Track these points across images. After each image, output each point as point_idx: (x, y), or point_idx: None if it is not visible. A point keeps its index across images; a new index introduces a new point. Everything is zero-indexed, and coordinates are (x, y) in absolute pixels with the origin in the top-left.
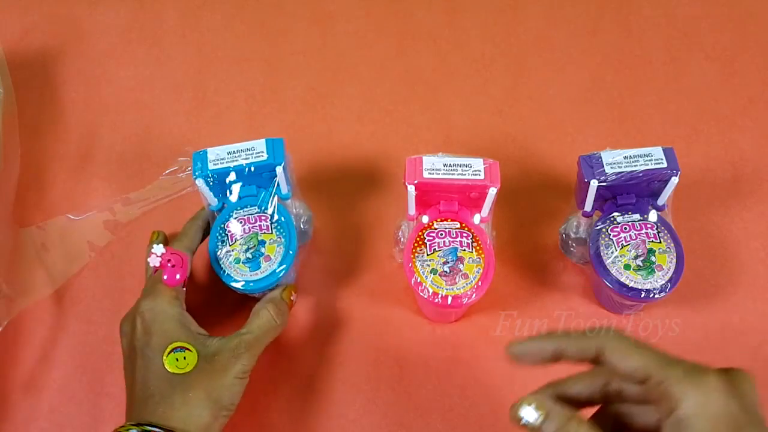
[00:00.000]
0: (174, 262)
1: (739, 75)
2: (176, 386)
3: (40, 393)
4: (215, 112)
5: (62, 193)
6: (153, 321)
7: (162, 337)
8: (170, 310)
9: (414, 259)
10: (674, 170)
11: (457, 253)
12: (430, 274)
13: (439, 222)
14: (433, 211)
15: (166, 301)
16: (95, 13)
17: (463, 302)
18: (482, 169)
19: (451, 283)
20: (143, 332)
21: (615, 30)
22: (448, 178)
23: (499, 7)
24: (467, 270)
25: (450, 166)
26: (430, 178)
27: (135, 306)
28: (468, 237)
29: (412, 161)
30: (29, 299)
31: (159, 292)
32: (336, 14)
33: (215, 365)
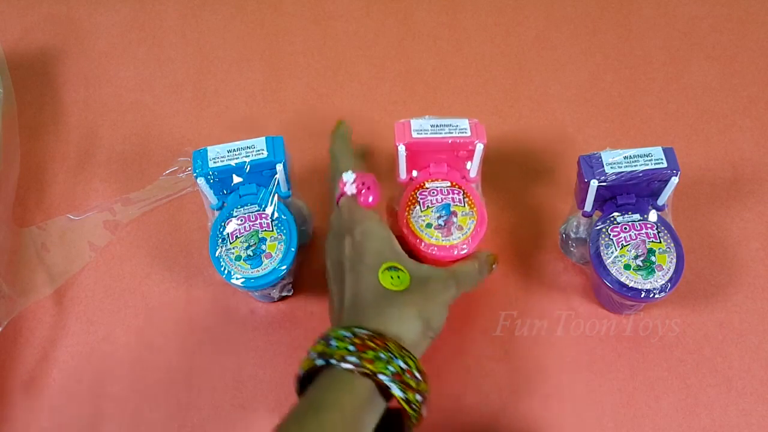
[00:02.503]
0: (368, 183)
1: (739, 75)
2: (392, 300)
3: (40, 393)
4: (215, 112)
5: (62, 193)
6: (365, 241)
7: (375, 256)
8: (381, 231)
9: (408, 216)
10: (674, 170)
11: (450, 207)
12: (425, 228)
13: (431, 182)
14: (423, 173)
15: (375, 223)
16: (95, 13)
17: (463, 251)
18: (468, 127)
19: (447, 235)
20: (354, 251)
21: (615, 30)
22: (436, 137)
23: (499, 7)
24: (461, 222)
25: (437, 126)
26: (418, 137)
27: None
28: (459, 194)
29: (400, 125)
30: (29, 299)
31: (364, 214)
32: (336, 14)
33: (427, 288)
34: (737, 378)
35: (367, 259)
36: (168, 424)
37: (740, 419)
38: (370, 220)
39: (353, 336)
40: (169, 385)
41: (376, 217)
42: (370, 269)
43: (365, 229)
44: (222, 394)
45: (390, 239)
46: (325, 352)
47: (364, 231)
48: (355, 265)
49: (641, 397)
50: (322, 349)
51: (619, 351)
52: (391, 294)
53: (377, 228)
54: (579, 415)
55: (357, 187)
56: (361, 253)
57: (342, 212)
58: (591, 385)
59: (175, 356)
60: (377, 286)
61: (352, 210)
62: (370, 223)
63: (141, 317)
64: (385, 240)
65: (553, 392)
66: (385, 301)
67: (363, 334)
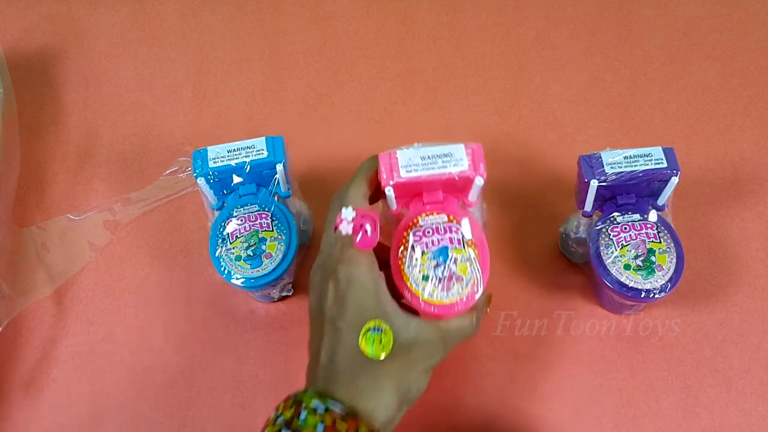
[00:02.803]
0: (366, 226)
1: (739, 75)
2: (368, 370)
3: (40, 393)
4: (215, 112)
5: (62, 193)
6: (349, 291)
7: (358, 313)
8: (368, 283)
9: (402, 266)
10: (674, 170)
11: (448, 253)
12: (422, 282)
13: (425, 217)
14: (416, 204)
15: (364, 271)
16: (95, 13)
17: (456, 310)
18: (464, 156)
19: (445, 289)
20: (336, 301)
21: (615, 30)
22: (428, 173)
23: (499, 7)
24: (461, 270)
25: (429, 158)
26: (408, 177)
27: (327, 262)
28: (458, 231)
29: (386, 158)
30: (29, 299)
31: (355, 258)
32: (336, 14)
33: (410, 355)
34: (737, 378)
35: (349, 315)
36: (168, 424)
37: (740, 419)
38: (359, 266)
39: (325, 411)
40: (169, 385)
41: (366, 263)
42: (351, 329)
43: (351, 275)
44: (222, 394)
45: (377, 291)
46: (293, 425)
47: (351, 278)
48: (335, 320)
49: (641, 397)
50: (291, 417)
51: (619, 351)
52: (370, 364)
53: (365, 276)
54: (579, 415)
55: (354, 227)
56: (344, 305)
57: (335, 245)
58: (591, 385)
59: (175, 356)
60: (356, 351)
61: (344, 247)
62: (358, 270)
63: (141, 317)
64: (371, 293)
65: (553, 392)
66: (362, 370)
67: (336, 412)
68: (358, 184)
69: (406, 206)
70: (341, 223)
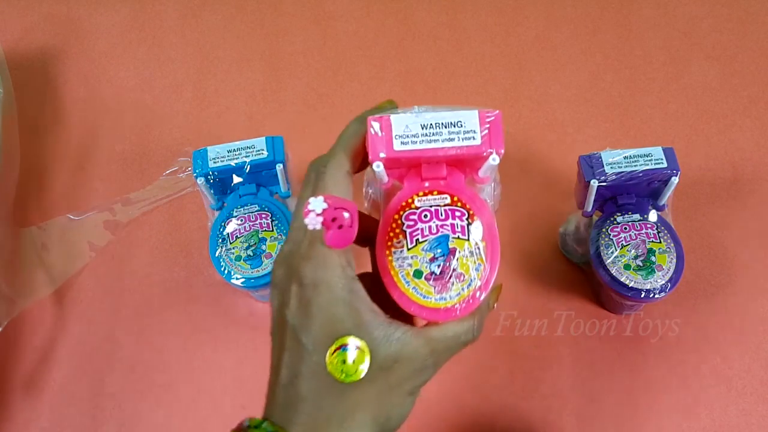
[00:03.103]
0: (341, 221)
1: (739, 75)
2: (338, 397)
3: (40, 393)
4: (215, 112)
5: (62, 193)
6: (315, 298)
7: (326, 325)
8: (339, 290)
9: (390, 255)
10: (674, 170)
11: (448, 242)
12: (413, 279)
13: (422, 197)
14: (413, 180)
15: (336, 274)
16: (95, 13)
17: (454, 315)
18: (478, 128)
19: (443, 290)
20: (300, 308)
21: (615, 30)
22: (430, 147)
23: (499, 7)
24: (463, 268)
25: (432, 128)
26: (404, 150)
27: (291, 256)
28: (463, 216)
29: (376, 124)
30: (29, 299)
31: (325, 258)
32: (336, 14)
33: (391, 376)
34: (737, 378)
35: (315, 328)
36: (168, 424)
37: (740, 419)
38: (329, 268)
39: None
40: (169, 385)
41: (338, 264)
42: (318, 345)
43: (319, 279)
44: (222, 394)
45: (350, 298)
46: None
47: (317, 282)
48: (298, 332)
49: (641, 397)
50: None
51: (619, 351)
52: (340, 389)
53: (336, 280)
54: (579, 415)
55: (325, 221)
56: (309, 315)
57: (303, 235)
58: (591, 385)
59: (175, 356)
60: (323, 373)
61: (312, 242)
62: (327, 273)
63: (141, 317)
64: (343, 301)
65: (553, 392)
66: (330, 397)
67: None
68: (338, 158)
69: (399, 180)
70: (308, 216)
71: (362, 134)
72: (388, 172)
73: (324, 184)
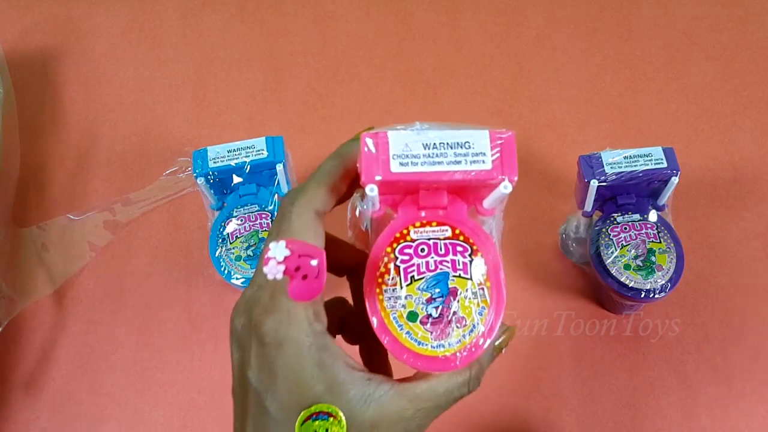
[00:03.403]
0: (306, 270)
1: (739, 75)
2: None
3: (40, 393)
4: (215, 112)
5: (62, 193)
6: (280, 360)
7: (294, 390)
8: (307, 348)
9: (380, 293)
10: (674, 170)
11: (448, 281)
12: (406, 322)
13: (418, 228)
14: (408, 208)
15: (302, 330)
16: (95, 13)
17: (453, 365)
18: (488, 151)
19: (441, 335)
20: (263, 370)
21: (615, 30)
22: (433, 170)
23: (499, 7)
24: (464, 311)
25: (435, 148)
26: (403, 172)
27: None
28: (465, 252)
29: (372, 141)
30: (29, 299)
31: (289, 312)
32: (336, 14)
33: None
34: (737, 378)
35: (281, 394)
36: (168, 424)
37: (740, 419)
38: (294, 325)
39: None
40: (169, 385)
41: (305, 319)
42: (285, 413)
43: (282, 337)
44: (222, 394)
45: (320, 357)
46: None
47: (281, 340)
48: (262, 397)
49: (641, 397)
50: None
51: (619, 351)
52: None
53: (303, 339)
54: (579, 415)
55: (287, 269)
56: (273, 377)
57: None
58: (591, 385)
59: (175, 356)
60: None
61: (274, 293)
62: (292, 330)
63: (141, 317)
64: (311, 362)
65: (553, 392)
66: None
67: None
68: (308, 196)
69: (393, 207)
70: (268, 264)
71: (341, 170)
72: (380, 198)
73: (289, 226)
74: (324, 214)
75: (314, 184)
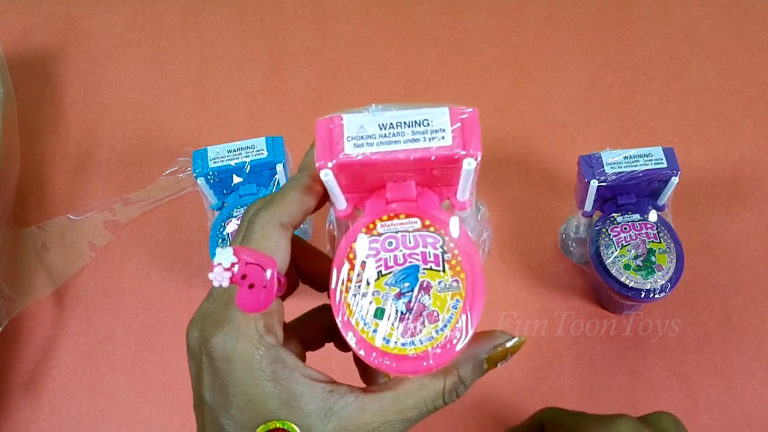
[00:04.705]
0: (253, 279)
1: (739, 75)
2: None
3: (40, 393)
4: (215, 112)
5: (62, 193)
6: (230, 376)
7: (248, 407)
8: (257, 362)
9: (345, 291)
10: (674, 170)
11: (417, 274)
12: (372, 319)
13: (386, 221)
14: (376, 202)
15: (251, 343)
16: (95, 13)
17: (427, 363)
18: (448, 127)
19: (412, 332)
20: (215, 386)
21: (615, 30)
22: (390, 149)
23: (499, 7)
24: (436, 305)
25: (392, 127)
26: (358, 154)
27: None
28: (436, 243)
29: (324, 125)
30: (29, 299)
31: (238, 325)
32: (336, 14)
33: None
34: (737, 378)
35: (234, 411)
36: (168, 424)
37: (740, 419)
38: (243, 338)
39: None
40: (169, 385)
41: (254, 330)
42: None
43: (230, 351)
44: None
45: (273, 370)
46: None
47: (230, 355)
48: (216, 414)
49: (641, 397)
50: None
51: (619, 351)
52: None
53: (253, 353)
54: None
55: (233, 277)
56: (225, 393)
57: (221, 294)
58: (591, 385)
59: (175, 356)
60: None
61: (227, 304)
62: (241, 344)
63: (141, 317)
64: (264, 376)
65: (553, 392)
66: None
67: None
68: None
69: (360, 205)
70: (213, 269)
71: (306, 180)
72: (347, 196)
73: (249, 236)
74: (291, 227)
75: (279, 196)
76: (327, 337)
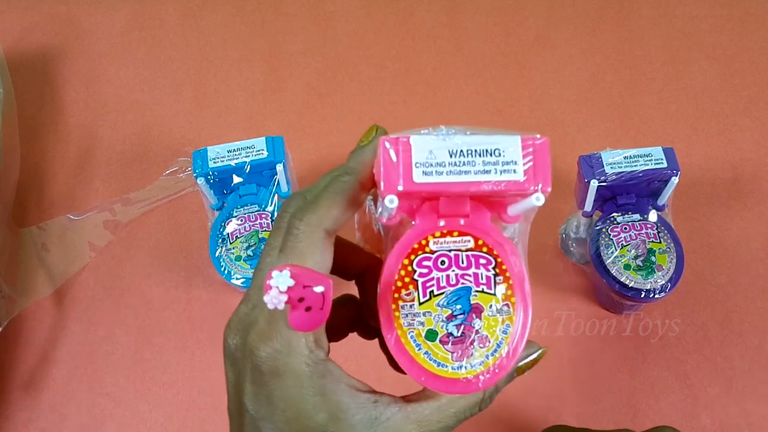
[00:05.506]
0: (310, 302)
1: (739, 75)
2: None
3: (40, 393)
4: (215, 112)
5: (62, 193)
6: (277, 390)
7: (294, 420)
8: (307, 378)
9: (397, 309)
10: (674, 170)
11: (470, 297)
12: (425, 341)
13: (438, 238)
14: (426, 216)
15: (302, 360)
16: (95, 13)
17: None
18: (520, 161)
19: (462, 355)
20: (260, 397)
21: (615, 30)
22: (459, 180)
23: (499, 7)
24: (488, 330)
25: (463, 155)
26: (427, 182)
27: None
28: (489, 265)
29: (392, 147)
30: (29, 299)
31: (288, 342)
32: (336, 14)
33: None
34: (737, 378)
35: (280, 424)
36: (168, 424)
37: (740, 419)
38: (294, 355)
39: None
40: (169, 385)
41: (305, 346)
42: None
43: (279, 366)
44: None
45: (322, 385)
46: None
47: (278, 369)
48: (259, 424)
49: (641, 397)
50: None
51: (619, 351)
52: None
53: (303, 369)
54: (579, 415)
55: (290, 299)
56: (272, 406)
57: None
58: (591, 385)
59: (175, 356)
60: None
61: (273, 319)
62: (291, 360)
63: (141, 317)
64: (313, 391)
65: (554, 392)
66: None
67: None
68: (320, 213)
69: (409, 213)
70: (269, 292)
71: (356, 186)
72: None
73: (295, 247)
74: (335, 233)
75: (325, 200)
76: (351, 328)
